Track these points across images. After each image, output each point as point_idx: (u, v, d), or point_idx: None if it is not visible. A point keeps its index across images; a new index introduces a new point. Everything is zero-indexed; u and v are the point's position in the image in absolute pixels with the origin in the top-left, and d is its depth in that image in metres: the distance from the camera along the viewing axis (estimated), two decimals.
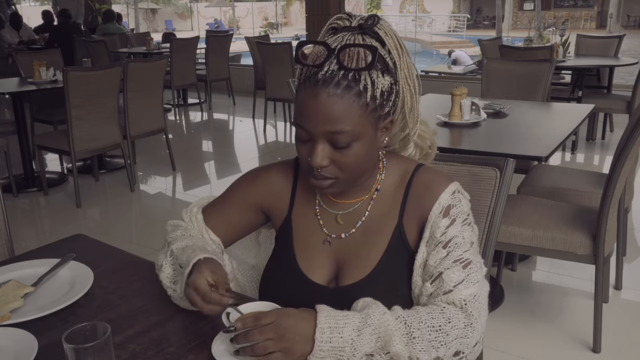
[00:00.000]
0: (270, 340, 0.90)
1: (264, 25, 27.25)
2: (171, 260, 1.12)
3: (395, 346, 0.91)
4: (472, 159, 1.37)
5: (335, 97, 0.96)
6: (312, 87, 0.97)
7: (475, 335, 0.99)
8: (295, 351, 0.90)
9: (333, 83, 0.96)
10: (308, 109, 0.98)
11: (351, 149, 1.00)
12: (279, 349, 0.90)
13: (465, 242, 1.04)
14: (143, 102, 4.40)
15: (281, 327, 0.91)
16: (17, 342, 0.99)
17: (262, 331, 0.90)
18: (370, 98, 0.98)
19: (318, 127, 0.98)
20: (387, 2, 29.53)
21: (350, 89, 0.96)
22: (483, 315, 1.01)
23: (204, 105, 7.67)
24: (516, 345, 2.30)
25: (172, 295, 1.11)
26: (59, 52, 5.66)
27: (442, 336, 0.95)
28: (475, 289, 1.01)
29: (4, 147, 4.09)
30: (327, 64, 0.97)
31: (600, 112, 5.29)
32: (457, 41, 20.59)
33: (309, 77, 0.98)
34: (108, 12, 9.52)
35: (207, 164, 5.42)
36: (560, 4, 29.08)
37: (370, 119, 1.00)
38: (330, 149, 1.00)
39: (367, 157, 1.03)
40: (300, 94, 0.99)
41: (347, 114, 0.97)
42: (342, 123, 0.97)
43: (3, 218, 1.56)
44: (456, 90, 2.80)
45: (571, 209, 2.40)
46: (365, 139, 1.00)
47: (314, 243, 1.13)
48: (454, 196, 1.06)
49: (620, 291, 2.72)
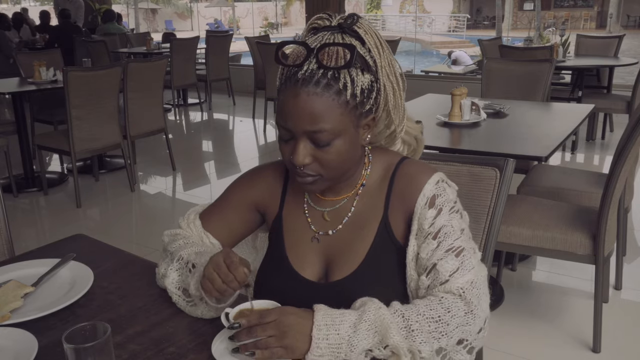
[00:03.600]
0: (272, 337, 0.91)
1: (264, 25, 27.24)
2: (177, 265, 1.12)
3: (392, 338, 0.92)
4: (472, 159, 1.38)
5: (315, 95, 0.97)
6: (293, 87, 0.98)
7: (477, 322, 0.99)
8: (295, 349, 0.91)
9: (313, 82, 0.97)
10: (289, 109, 0.99)
11: (332, 147, 1.01)
12: (280, 345, 0.91)
13: (454, 231, 1.04)
14: (143, 102, 4.40)
15: (283, 324, 0.92)
16: (17, 342, 0.99)
17: (265, 328, 0.92)
18: (350, 96, 0.99)
19: (299, 126, 0.99)
20: (387, 2, 29.52)
21: (329, 87, 0.97)
22: (484, 300, 1.02)
23: (204, 105, 7.67)
24: (516, 345, 2.30)
25: (177, 301, 1.11)
26: (59, 52, 5.66)
27: (442, 326, 0.95)
28: (471, 276, 1.01)
29: (4, 147, 4.08)
30: (306, 64, 0.98)
31: (600, 112, 5.29)
32: (457, 41, 20.58)
33: (289, 77, 0.99)
34: (108, 12, 9.52)
35: (207, 164, 5.42)
36: (560, 4, 29.08)
37: (351, 117, 1.01)
38: (312, 147, 1.01)
39: (349, 154, 1.04)
40: (282, 95, 1.01)
41: (327, 112, 0.98)
42: (322, 121, 0.98)
43: (3, 218, 1.56)
44: (456, 90, 2.80)
45: (571, 209, 2.40)
46: (346, 137, 1.01)
47: (303, 240, 1.14)
48: (438, 185, 1.07)
49: (620, 291, 2.72)
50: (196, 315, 1.09)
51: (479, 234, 1.34)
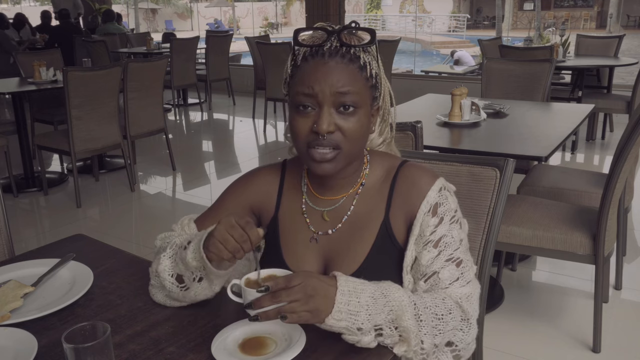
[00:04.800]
0: (297, 301, 0.90)
1: (264, 25, 27.26)
2: (171, 252, 1.10)
3: (407, 321, 0.93)
4: (472, 159, 1.38)
5: (343, 65, 1.03)
6: (320, 58, 1.03)
7: (471, 332, 1.02)
8: (320, 313, 0.91)
9: (339, 55, 1.03)
10: (317, 75, 1.02)
11: (355, 115, 1.04)
12: (306, 310, 0.91)
13: (454, 241, 1.06)
14: (143, 102, 4.40)
15: (309, 287, 0.91)
16: (17, 342, 1.00)
17: (290, 293, 0.91)
18: (369, 74, 1.05)
19: (327, 88, 1.02)
20: (387, 2, 29.55)
21: (353, 62, 1.03)
22: (476, 316, 1.05)
23: (204, 105, 7.67)
24: (516, 345, 2.30)
25: (170, 288, 1.09)
26: (59, 52, 5.66)
27: (442, 324, 0.98)
28: (469, 289, 1.05)
29: (4, 147, 4.08)
30: (328, 43, 1.03)
31: (600, 112, 5.29)
32: (457, 41, 20.59)
33: (313, 53, 1.04)
34: (108, 12, 9.52)
35: (207, 164, 5.42)
36: (560, 4, 29.09)
37: (369, 94, 1.07)
38: (335, 115, 1.03)
39: (365, 130, 1.08)
40: (305, 66, 1.04)
41: (353, 80, 1.03)
42: (350, 85, 1.02)
43: (3, 218, 1.56)
44: (456, 90, 2.80)
45: (571, 209, 2.40)
46: (365, 110, 1.06)
47: (301, 241, 1.14)
48: (441, 194, 1.08)
49: (620, 291, 2.72)
50: (188, 301, 1.09)
51: (479, 234, 1.34)
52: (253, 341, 0.99)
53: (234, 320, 1.03)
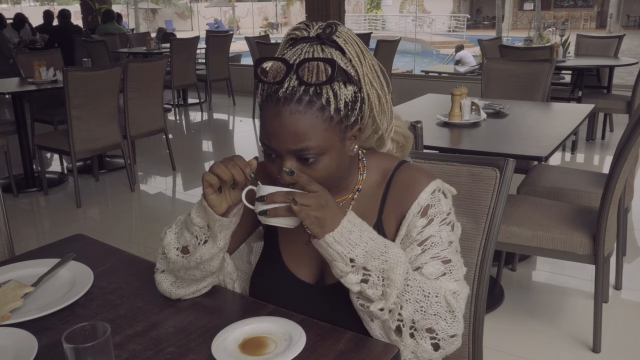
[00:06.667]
0: (308, 207, 0.92)
1: (264, 25, 27.26)
2: (175, 228, 1.09)
3: (396, 275, 0.94)
4: (472, 159, 1.38)
5: (298, 113, 0.95)
6: (274, 106, 0.96)
7: (454, 326, 1.00)
8: (326, 225, 0.93)
9: (295, 100, 0.94)
10: (272, 128, 0.97)
11: (319, 164, 0.99)
12: (315, 215, 0.92)
13: (442, 242, 1.04)
14: (143, 102, 4.40)
15: (324, 198, 0.94)
16: (17, 342, 1.00)
17: (305, 196, 0.93)
18: (334, 111, 0.96)
19: (283, 145, 0.97)
20: (387, 2, 29.57)
21: (312, 104, 0.95)
22: (461, 313, 1.02)
23: (204, 105, 7.67)
24: (516, 345, 2.30)
25: (176, 260, 1.07)
26: (59, 52, 5.66)
27: (426, 304, 0.97)
28: (456, 286, 1.02)
29: (4, 147, 4.08)
30: (287, 81, 0.95)
31: (600, 112, 5.29)
32: (457, 41, 20.51)
33: (270, 94, 0.97)
34: (108, 12, 9.52)
35: (207, 164, 5.41)
36: (560, 4, 29.10)
37: (336, 131, 0.98)
38: (298, 165, 0.99)
39: (337, 167, 1.02)
40: (263, 113, 0.99)
41: (311, 130, 0.95)
42: (307, 140, 0.96)
43: (3, 218, 1.56)
44: (456, 90, 2.80)
45: (571, 209, 2.40)
46: (333, 152, 0.99)
47: (299, 242, 1.13)
48: (434, 195, 1.06)
49: (620, 291, 2.72)
50: (192, 274, 1.07)
51: (478, 234, 1.34)
52: (253, 341, 0.99)
53: (234, 320, 1.03)
